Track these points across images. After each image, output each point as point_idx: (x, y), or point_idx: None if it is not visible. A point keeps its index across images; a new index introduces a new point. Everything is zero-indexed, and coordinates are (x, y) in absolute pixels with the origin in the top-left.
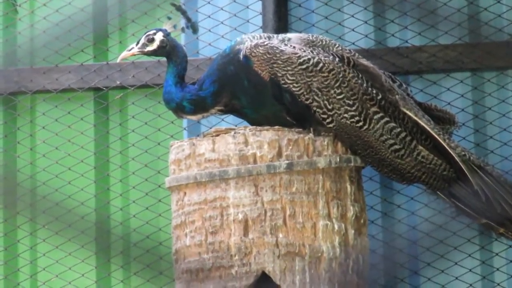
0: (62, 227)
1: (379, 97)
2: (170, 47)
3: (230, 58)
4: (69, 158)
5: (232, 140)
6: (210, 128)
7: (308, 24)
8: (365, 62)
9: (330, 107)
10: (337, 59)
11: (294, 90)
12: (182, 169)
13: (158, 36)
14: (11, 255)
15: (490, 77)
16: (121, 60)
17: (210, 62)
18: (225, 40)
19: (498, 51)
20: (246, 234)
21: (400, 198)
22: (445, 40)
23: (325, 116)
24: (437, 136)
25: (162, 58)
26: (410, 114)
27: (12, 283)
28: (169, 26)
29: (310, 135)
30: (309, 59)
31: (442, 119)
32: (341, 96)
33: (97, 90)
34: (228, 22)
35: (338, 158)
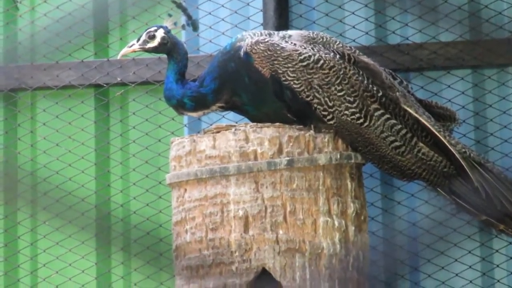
0: (63, 224)
1: (380, 94)
2: (171, 44)
3: (231, 55)
4: (69, 154)
5: (232, 137)
6: (211, 125)
7: (308, 21)
8: (365, 59)
9: (330, 104)
10: (337, 56)
11: (294, 87)
12: (182, 165)
13: (159, 33)
14: (11, 251)
15: (491, 74)
16: (121, 56)
17: (210, 59)
18: (225, 37)
19: (499, 49)
20: (246, 230)
21: (400, 195)
22: (446, 37)
23: (325, 113)
24: (437, 133)
25: (162, 55)
26: (411, 111)
27: (12, 279)
28: (169, 23)
29: (311, 132)
30: (309, 56)
31: (443, 116)
32: (341, 93)
33: (97, 86)
34: (228, 19)
35: (338, 155)
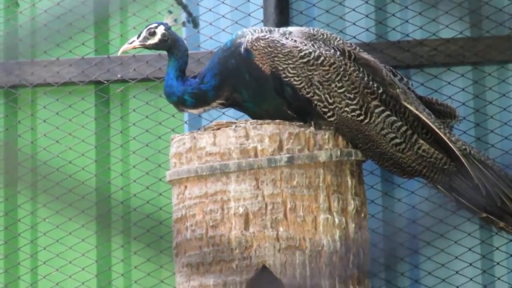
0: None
1: (380, 90)
2: (171, 41)
3: (231, 52)
4: (70, 151)
5: (233, 133)
6: (211, 121)
7: (309, 17)
8: (366, 55)
9: (331, 101)
10: (338, 53)
11: (295, 83)
12: (183, 162)
13: (160, 29)
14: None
15: (491, 71)
16: (122, 53)
17: (211, 55)
18: (226, 33)
19: (499, 45)
20: (246, 227)
21: (400, 192)
22: (446, 34)
23: (326, 109)
24: (438, 130)
25: (163, 52)
26: (411, 108)
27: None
28: (170, 20)
29: (311, 129)
30: (310, 53)
31: (443, 113)
32: (342, 89)
33: (98, 83)
34: (229, 16)
35: (339, 152)
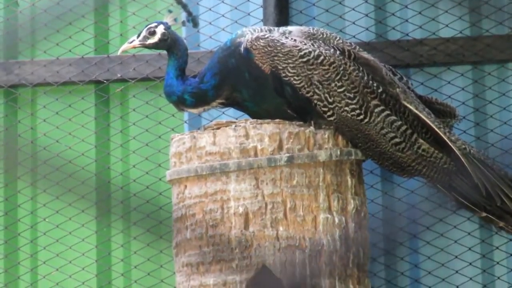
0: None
1: (380, 90)
2: (171, 40)
3: (231, 51)
4: (70, 151)
5: (233, 133)
6: (211, 121)
7: (309, 17)
8: (366, 55)
9: (330, 100)
10: (338, 52)
11: (295, 83)
12: (183, 162)
13: (160, 29)
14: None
15: (491, 70)
16: (122, 52)
17: (211, 55)
18: (226, 33)
19: (499, 45)
20: (246, 227)
21: (400, 191)
22: (446, 33)
23: (326, 109)
24: (437, 129)
25: (163, 51)
26: (411, 107)
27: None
28: (170, 19)
29: (311, 128)
30: (310, 52)
31: (443, 113)
32: (342, 89)
33: (98, 83)
34: (229, 15)
35: (338, 151)
